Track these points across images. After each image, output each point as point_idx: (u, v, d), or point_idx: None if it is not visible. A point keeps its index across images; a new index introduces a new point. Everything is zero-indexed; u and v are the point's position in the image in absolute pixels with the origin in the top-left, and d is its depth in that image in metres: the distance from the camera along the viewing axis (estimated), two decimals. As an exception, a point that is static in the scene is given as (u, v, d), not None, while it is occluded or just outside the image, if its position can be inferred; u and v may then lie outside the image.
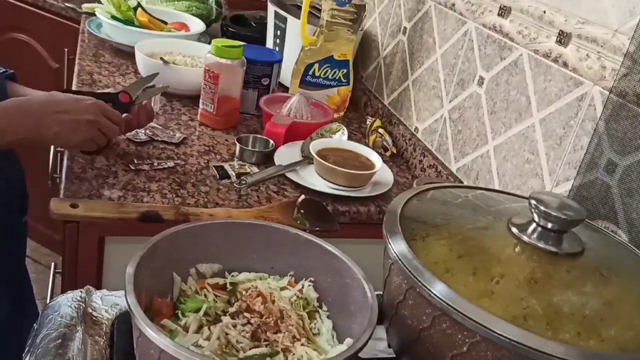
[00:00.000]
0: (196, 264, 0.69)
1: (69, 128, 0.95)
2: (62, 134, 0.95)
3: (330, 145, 1.21)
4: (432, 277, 0.57)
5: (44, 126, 0.94)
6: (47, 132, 0.94)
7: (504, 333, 0.51)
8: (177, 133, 1.25)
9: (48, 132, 0.94)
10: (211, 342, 0.58)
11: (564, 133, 0.90)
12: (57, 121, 0.94)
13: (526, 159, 0.98)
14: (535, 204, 0.61)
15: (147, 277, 0.60)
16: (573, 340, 0.52)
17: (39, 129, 0.93)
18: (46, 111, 0.94)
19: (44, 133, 0.94)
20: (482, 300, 0.55)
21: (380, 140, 1.39)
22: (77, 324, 0.67)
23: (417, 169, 1.32)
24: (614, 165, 0.79)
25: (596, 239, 0.67)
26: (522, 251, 0.60)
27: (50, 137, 0.95)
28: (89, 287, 0.73)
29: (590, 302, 0.56)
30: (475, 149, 1.13)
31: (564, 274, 0.58)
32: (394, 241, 0.62)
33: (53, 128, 0.94)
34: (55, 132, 0.94)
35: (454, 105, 1.22)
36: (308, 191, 1.11)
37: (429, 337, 0.58)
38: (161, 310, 0.62)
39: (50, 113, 0.94)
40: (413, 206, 0.69)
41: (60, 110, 0.95)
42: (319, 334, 0.66)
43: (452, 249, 0.61)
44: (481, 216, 0.67)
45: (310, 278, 0.71)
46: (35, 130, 0.93)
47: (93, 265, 0.96)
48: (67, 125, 0.95)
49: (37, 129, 0.93)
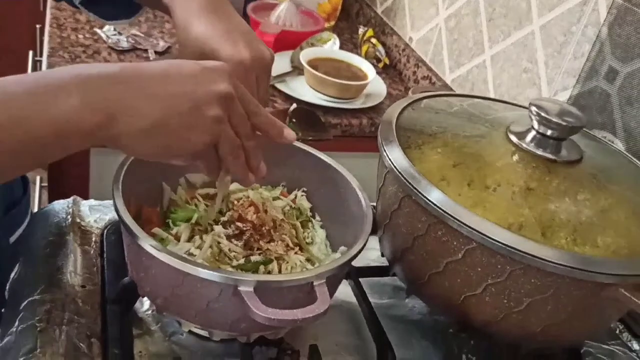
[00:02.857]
0: (186, 174, 0.67)
1: (175, 124, 0.46)
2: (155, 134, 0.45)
3: (321, 54, 1.17)
4: (428, 184, 0.55)
5: (125, 113, 0.44)
6: (124, 125, 0.44)
7: (500, 239, 0.51)
8: (161, 41, 1.19)
9: (124, 125, 0.44)
10: (203, 250, 0.57)
11: (565, 40, 0.87)
12: (150, 106, 0.45)
13: (524, 68, 0.95)
14: (535, 110, 0.59)
15: (135, 185, 0.58)
16: (569, 246, 0.52)
17: (112, 118, 0.44)
18: (132, 86, 0.45)
19: (120, 127, 0.44)
20: (477, 209, 0.54)
21: (373, 50, 1.34)
22: (66, 234, 0.66)
23: (410, 81, 1.29)
24: (614, 73, 0.77)
25: (594, 147, 0.66)
26: (520, 159, 0.59)
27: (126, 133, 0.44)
28: (76, 197, 0.71)
29: (586, 210, 0.56)
30: (472, 59, 1.10)
31: (561, 182, 0.57)
32: (389, 149, 0.60)
33: (139, 122, 0.44)
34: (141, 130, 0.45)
35: (450, 12, 1.17)
36: (298, 102, 1.08)
37: (423, 245, 0.57)
38: (151, 219, 0.60)
39: (139, 89, 0.45)
40: (408, 115, 0.67)
41: (159, 84, 0.46)
42: (313, 243, 0.65)
43: (448, 157, 0.60)
44: (478, 124, 0.65)
45: (303, 188, 0.69)
46: (103, 118, 0.43)
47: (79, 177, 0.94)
48: (169, 116, 0.45)
49: (108, 117, 0.43)
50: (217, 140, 0.48)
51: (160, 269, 0.51)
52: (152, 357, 0.57)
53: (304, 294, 0.50)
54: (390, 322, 0.66)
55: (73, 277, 0.61)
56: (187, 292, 0.51)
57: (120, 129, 0.44)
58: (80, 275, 0.62)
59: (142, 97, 0.44)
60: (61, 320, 0.56)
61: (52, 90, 0.42)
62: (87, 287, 0.61)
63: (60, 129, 0.42)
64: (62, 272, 0.61)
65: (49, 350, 0.53)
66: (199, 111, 0.46)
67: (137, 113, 0.44)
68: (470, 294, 0.56)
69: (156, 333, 0.59)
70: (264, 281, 0.50)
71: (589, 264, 0.51)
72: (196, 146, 0.47)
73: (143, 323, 0.60)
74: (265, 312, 0.47)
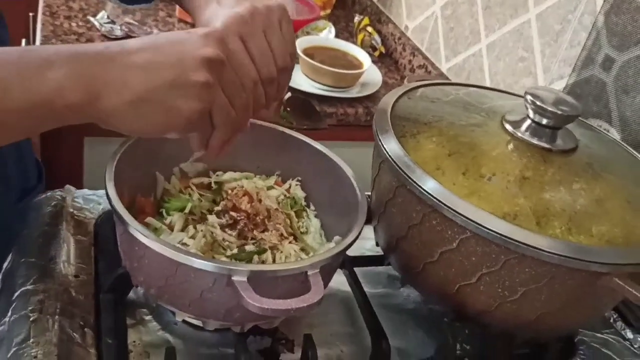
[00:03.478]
0: (180, 163, 0.67)
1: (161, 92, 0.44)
2: (138, 103, 0.44)
3: (316, 43, 1.16)
4: (423, 174, 0.55)
5: (110, 87, 0.43)
6: (110, 99, 0.43)
7: (495, 228, 0.51)
8: (155, 30, 1.18)
9: (111, 99, 0.43)
10: (197, 240, 0.57)
11: (561, 28, 0.86)
12: (136, 77, 0.43)
13: (520, 57, 0.95)
14: (531, 99, 0.59)
15: (128, 174, 0.57)
16: (563, 235, 0.52)
17: (98, 92, 0.43)
18: (117, 60, 0.43)
19: (107, 101, 0.43)
20: (472, 198, 0.54)
21: (369, 39, 1.34)
22: (60, 223, 0.65)
23: (406, 69, 1.28)
24: (611, 61, 0.77)
25: (589, 136, 0.66)
26: (515, 148, 0.59)
27: (114, 107, 0.43)
28: (68, 186, 0.71)
29: (581, 199, 0.56)
30: (468, 48, 1.09)
31: (556, 171, 0.57)
32: (384, 139, 0.60)
33: (125, 94, 0.43)
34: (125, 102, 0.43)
35: (446, 1, 1.16)
36: (294, 91, 1.07)
37: (418, 234, 0.57)
38: (144, 208, 0.60)
39: (124, 62, 0.43)
40: (403, 104, 0.67)
41: (144, 55, 0.44)
42: (307, 232, 0.65)
43: (443, 146, 0.59)
44: (473, 113, 0.65)
45: (298, 177, 0.69)
46: (89, 93, 0.42)
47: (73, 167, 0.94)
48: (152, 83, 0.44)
49: (94, 91, 0.42)
50: (209, 107, 0.46)
51: (154, 259, 0.51)
52: (146, 347, 0.56)
53: (298, 284, 0.50)
54: (385, 311, 0.66)
55: (66, 267, 0.61)
56: (181, 281, 0.51)
57: (106, 103, 0.42)
58: (74, 265, 0.62)
59: (127, 69, 0.43)
60: (54, 310, 0.55)
61: (36, 64, 0.41)
62: (80, 277, 0.61)
63: (43, 101, 0.41)
64: (56, 262, 0.61)
65: (42, 339, 0.53)
66: (186, 77, 0.44)
67: (123, 86, 0.43)
68: (465, 283, 0.56)
69: (150, 323, 0.59)
70: (258, 271, 0.49)
71: (583, 253, 0.51)
72: (188, 115, 0.44)
73: (137, 313, 0.59)
74: (259, 302, 0.46)
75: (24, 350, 0.51)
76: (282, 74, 0.53)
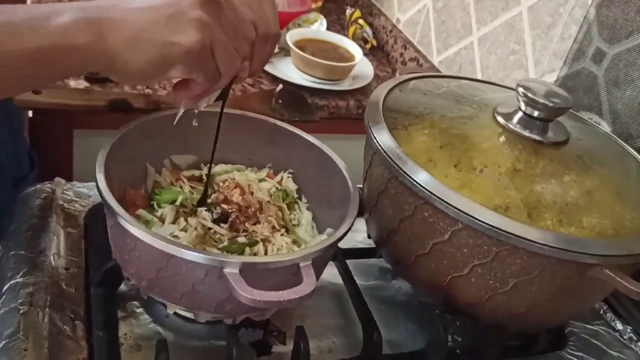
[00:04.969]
0: (170, 155, 0.66)
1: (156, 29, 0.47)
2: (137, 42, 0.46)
3: (308, 35, 1.15)
4: (415, 166, 0.55)
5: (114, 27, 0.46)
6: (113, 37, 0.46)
7: (487, 220, 0.51)
8: None
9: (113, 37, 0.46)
10: (188, 233, 0.57)
11: (552, 22, 0.87)
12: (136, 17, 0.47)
13: (511, 50, 0.95)
14: (522, 91, 0.59)
15: (118, 166, 0.57)
16: (554, 227, 0.52)
17: (103, 33, 0.46)
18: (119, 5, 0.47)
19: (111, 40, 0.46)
20: (463, 190, 0.54)
21: (360, 32, 1.33)
22: (49, 216, 0.65)
23: (397, 62, 1.28)
24: (602, 55, 0.77)
25: (580, 129, 0.66)
26: (507, 140, 0.59)
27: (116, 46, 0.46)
28: (58, 179, 0.70)
29: (572, 191, 0.56)
30: (459, 41, 1.09)
31: (548, 163, 0.57)
32: (376, 131, 0.60)
33: (127, 32, 0.46)
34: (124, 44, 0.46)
35: (438, -7, 1.16)
36: (285, 84, 1.06)
37: (410, 226, 0.57)
38: (135, 201, 0.60)
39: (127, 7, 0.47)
40: (395, 96, 0.67)
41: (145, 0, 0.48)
42: (299, 225, 0.65)
43: (435, 138, 0.59)
44: (465, 106, 0.65)
45: (290, 170, 0.69)
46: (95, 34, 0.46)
47: (62, 159, 0.93)
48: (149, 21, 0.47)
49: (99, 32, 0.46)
50: (208, 42, 0.48)
51: (145, 251, 0.50)
52: (138, 339, 0.56)
53: (290, 276, 0.50)
54: (377, 303, 0.66)
55: (56, 260, 0.60)
56: (172, 274, 0.51)
57: (110, 43, 0.46)
58: (64, 257, 0.61)
59: (128, 11, 0.47)
60: (44, 303, 0.55)
61: (46, 13, 0.45)
62: (70, 270, 0.60)
63: (53, 44, 0.44)
64: (45, 255, 0.60)
65: (32, 333, 0.52)
66: (183, 14, 0.47)
67: (124, 24, 0.46)
68: (457, 275, 0.56)
69: (141, 315, 0.59)
70: (250, 263, 0.49)
71: (574, 245, 0.51)
72: (187, 47, 0.47)
73: (128, 305, 0.59)
74: (251, 294, 0.46)
75: (14, 343, 0.51)
76: (272, 41, 0.55)
